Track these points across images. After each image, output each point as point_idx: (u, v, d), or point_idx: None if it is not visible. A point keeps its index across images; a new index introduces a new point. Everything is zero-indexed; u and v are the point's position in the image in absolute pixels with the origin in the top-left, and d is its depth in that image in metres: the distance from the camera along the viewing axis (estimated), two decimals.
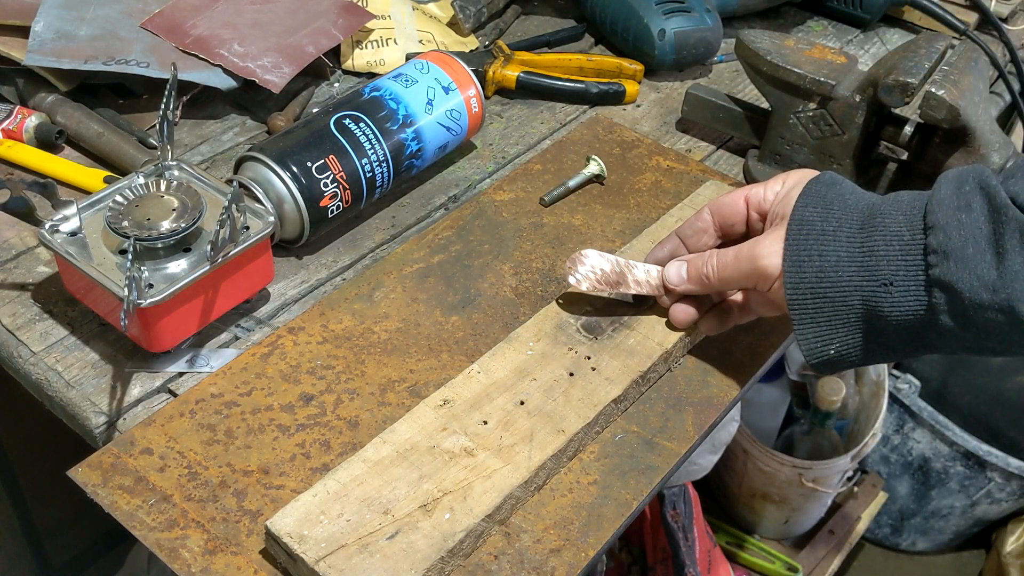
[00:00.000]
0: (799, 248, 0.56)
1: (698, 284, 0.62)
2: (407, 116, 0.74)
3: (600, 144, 0.85)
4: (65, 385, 0.62)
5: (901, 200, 0.55)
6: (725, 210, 0.63)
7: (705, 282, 0.61)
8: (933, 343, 0.54)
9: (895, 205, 0.54)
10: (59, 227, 0.62)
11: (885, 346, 0.56)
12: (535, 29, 1.03)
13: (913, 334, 0.54)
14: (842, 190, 0.57)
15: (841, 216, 0.56)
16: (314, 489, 0.52)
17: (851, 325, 0.55)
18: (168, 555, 0.51)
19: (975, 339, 0.52)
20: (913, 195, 0.55)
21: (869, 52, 1.05)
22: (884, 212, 0.54)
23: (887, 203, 0.55)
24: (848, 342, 0.56)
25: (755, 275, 0.58)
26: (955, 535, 1.80)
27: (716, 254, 0.61)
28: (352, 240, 0.75)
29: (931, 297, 0.51)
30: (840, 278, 0.54)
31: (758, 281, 0.59)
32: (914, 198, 0.54)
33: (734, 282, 0.60)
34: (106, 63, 0.79)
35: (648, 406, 0.62)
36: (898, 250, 0.52)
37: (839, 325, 0.56)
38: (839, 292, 0.55)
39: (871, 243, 0.54)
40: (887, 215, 0.54)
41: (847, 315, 0.55)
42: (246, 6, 0.88)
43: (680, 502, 1.31)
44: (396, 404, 0.61)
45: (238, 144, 0.83)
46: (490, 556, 0.53)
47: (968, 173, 0.53)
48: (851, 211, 0.56)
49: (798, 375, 1.52)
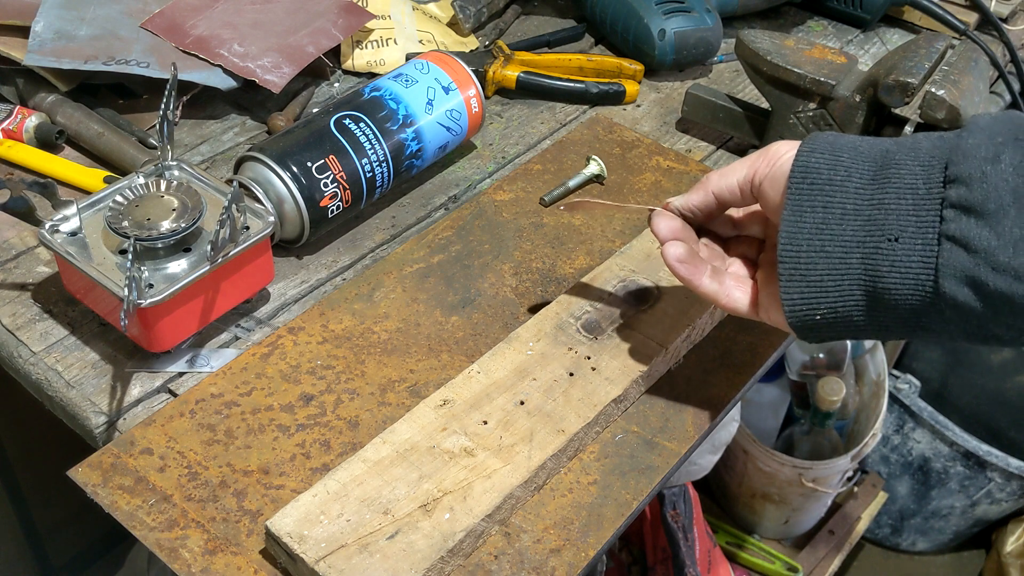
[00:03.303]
0: (801, 197, 0.50)
1: (695, 191, 0.57)
2: (407, 116, 0.74)
3: (600, 144, 0.85)
4: (65, 385, 0.62)
5: (919, 147, 0.48)
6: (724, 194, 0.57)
7: (703, 183, 0.57)
8: (931, 323, 0.48)
9: (912, 153, 0.48)
10: (59, 227, 0.62)
11: (877, 321, 0.50)
12: (535, 29, 1.03)
13: (912, 310, 0.48)
14: (852, 138, 0.52)
15: (851, 165, 0.50)
16: (314, 489, 0.52)
17: (844, 288, 0.50)
18: (168, 555, 0.51)
19: (980, 319, 0.46)
20: (933, 141, 0.48)
21: (869, 52, 1.05)
22: (899, 162, 0.48)
23: (903, 150, 0.49)
24: (837, 308, 0.50)
25: (753, 156, 0.54)
26: (955, 535, 1.80)
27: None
28: (352, 240, 0.75)
29: (939, 257, 0.46)
30: (843, 231, 0.49)
31: (760, 158, 0.54)
32: (934, 145, 0.48)
33: (733, 172, 0.55)
34: (106, 63, 0.79)
35: (648, 406, 0.62)
36: (911, 204, 0.47)
37: (831, 286, 0.50)
38: (838, 247, 0.49)
39: (882, 195, 0.48)
40: (902, 165, 0.48)
41: (842, 275, 0.49)
42: (246, 6, 0.88)
43: (680, 502, 1.31)
44: (396, 404, 0.61)
45: (238, 144, 0.83)
46: (490, 556, 0.53)
47: (1004, 122, 0.47)
48: (863, 159, 0.50)
49: (798, 375, 1.52)
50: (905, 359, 1.78)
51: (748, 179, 0.55)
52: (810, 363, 1.51)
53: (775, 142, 0.55)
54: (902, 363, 1.78)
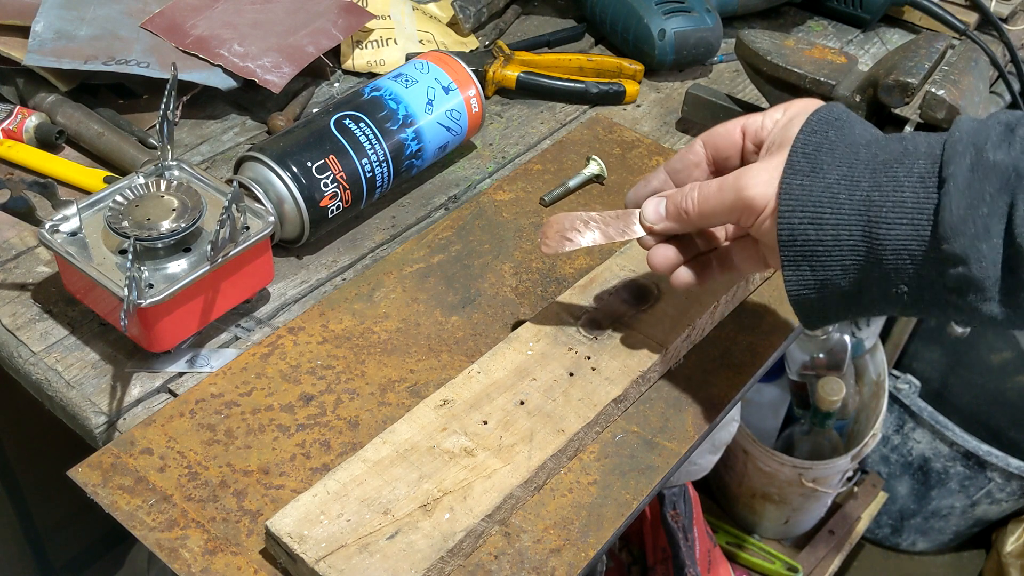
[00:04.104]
0: (797, 169, 0.50)
1: (677, 220, 0.56)
2: (407, 116, 0.74)
3: (600, 144, 0.85)
4: (65, 385, 0.62)
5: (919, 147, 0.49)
6: (719, 140, 0.57)
7: (684, 217, 0.55)
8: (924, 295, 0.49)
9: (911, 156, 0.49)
10: (59, 227, 0.62)
11: (873, 295, 0.50)
12: (535, 29, 1.03)
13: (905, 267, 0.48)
14: (850, 131, 0.51)
15: (848, 157, 0.50)
16: (314, 489, 0.52)
17: (846, 261, 0.50)
18: (168, 555, 0.51)
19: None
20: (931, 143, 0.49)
21: (869, 52, 1.05)
22: (896, 164, 0.49)
23: (904, 149, 0.49)
24: (837, 282, 0.50)
25: (739, 207, 0.52)
26: (955, 535, 1.80)
27: (698, 186, 0.55)
28: (352, 240, 0.75)
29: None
30: (847, 199, 0.49)
31: (742, 214, 0.52)
32: (931, 147, 0.48)
33: (716, 216, 0.54)
34: (106, 63, 0.79)
35: (648, 406, 0.62)
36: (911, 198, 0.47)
37: (830, 264, 0.50)
38: (840, 218, 0.49)
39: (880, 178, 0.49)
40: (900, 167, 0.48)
41: (843, 247, 0.49)
42: (246, 6, 0.88)
43: (680, 502, 1.31)
44: (396, 404, 0.61)
45: (238, 144, 0.83)
46: (490, 556, 0.53)
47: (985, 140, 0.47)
48: (859, 152, 0.50)
49: (798, 375, 1.52)
50: (905, 359, 1.78)
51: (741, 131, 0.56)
52: (810, 363, 1.51)
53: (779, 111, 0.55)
54: (902, 363, 1.78)
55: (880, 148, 0.50)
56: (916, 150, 0.49)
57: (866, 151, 0.50)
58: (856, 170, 0.49)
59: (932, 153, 0.48)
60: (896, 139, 0.50)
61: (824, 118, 0.52)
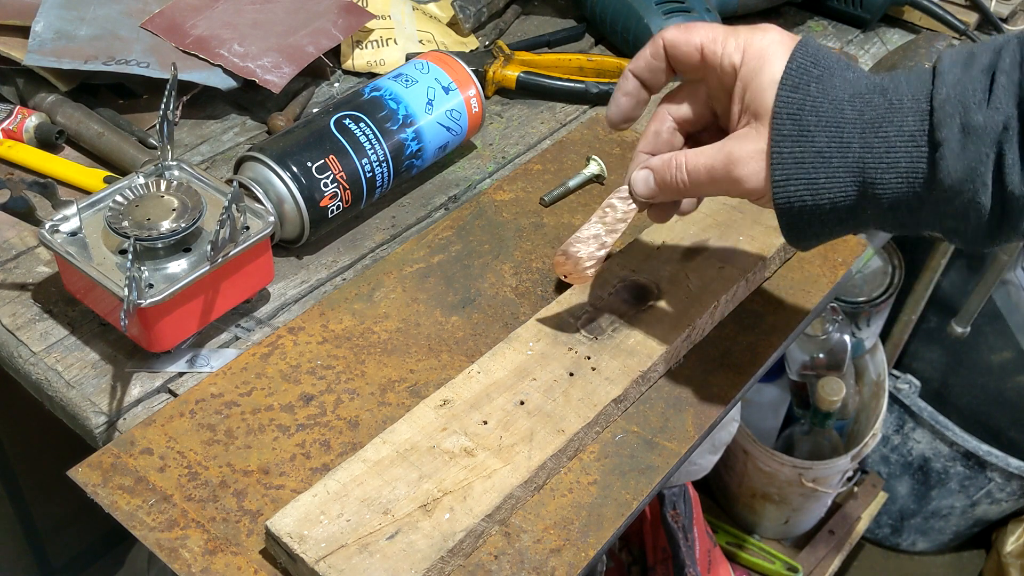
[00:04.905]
0: (785, 133, 0.51)
1: (671, 192, 0.57)
2: (407, 116, 0.74)
3: (600, 144, 0.85)
4: (65, 385, 0.62)
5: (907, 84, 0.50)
6: (681, 66, 0.58)
7: (681, 188, 0.56)
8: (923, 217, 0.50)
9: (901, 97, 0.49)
10: (59, 227, 0.62)
11: (870, 210, 0.51)
12: (535, 29, 1.03)
13: (902, 202, 0.50)
14: (830, 81, 0.51)
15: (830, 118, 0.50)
16: (314, 489, 0.52)
17: (842, 215, 0.51)
18: (168, 555, 0.51)
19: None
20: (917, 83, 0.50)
21: (869, 52, 1.05)
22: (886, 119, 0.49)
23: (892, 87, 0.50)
24: (835, 232, 0.52)
25: (731, 183, 0.53)
26: (955, 535, 1.80)
27: (686, 157, 0.55)
28: (352, 240, 0.75)
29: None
30: (840, 162, 0.50)
31: (734, 188, 0.54)
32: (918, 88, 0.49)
33: (709, 192, 0.56)
34: (106, 63, 0.79)
35: (648, 406, 0.62)
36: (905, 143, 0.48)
37: (829, 220, 0.51)
38: (834, 181, 0.50)
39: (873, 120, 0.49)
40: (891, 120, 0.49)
41: (840, 208, 0.51)
42: (246, 6, 0.88)
43: (680, 502, 1.31)
44: (396, 404, 0.61)
45: (238, 144, 0.83)
46: (490, 556, 0.53)
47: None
48: (844, 110, 0.50)
49: (798, 375, 1.52)
50: (905, 359, 1.78)
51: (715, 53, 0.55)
52: (810, 363, 1.51)
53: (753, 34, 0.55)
54: (902, 363, 1.78)
55: (865, 104, 0.50)
56: (901, 104, 0.49)
57: (851, 108, 0.50)
58: (845, 131, 0.50)
59: (919, 108, 0.48)
60: (878, 90, 0.50)
61: (802, 66, 0.52)
